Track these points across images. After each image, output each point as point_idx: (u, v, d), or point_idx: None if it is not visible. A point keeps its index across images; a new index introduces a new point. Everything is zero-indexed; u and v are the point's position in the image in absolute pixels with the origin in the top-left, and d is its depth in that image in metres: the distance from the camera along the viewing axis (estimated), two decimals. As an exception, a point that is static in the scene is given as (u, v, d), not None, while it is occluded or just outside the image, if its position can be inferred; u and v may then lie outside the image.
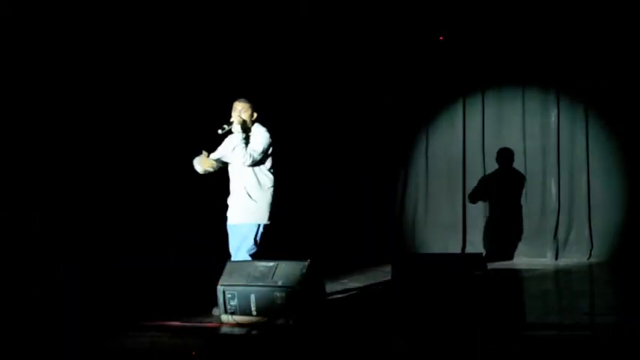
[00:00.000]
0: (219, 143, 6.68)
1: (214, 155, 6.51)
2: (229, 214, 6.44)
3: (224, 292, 5.79)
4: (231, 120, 6.38)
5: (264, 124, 6.55)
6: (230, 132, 6.44)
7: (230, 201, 6.45)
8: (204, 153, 6.41)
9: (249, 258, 6.26)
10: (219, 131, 6.33)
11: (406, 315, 5.49)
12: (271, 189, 6.41)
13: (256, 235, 6.30)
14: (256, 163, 6.35)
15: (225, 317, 5.78)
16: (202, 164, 6.41)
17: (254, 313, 5.71)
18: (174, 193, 10.69)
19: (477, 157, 10.28)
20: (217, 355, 5.23)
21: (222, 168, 6.60)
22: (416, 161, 10.61)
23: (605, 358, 4.83)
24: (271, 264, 5.86)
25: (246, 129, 6.39)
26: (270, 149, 6.43)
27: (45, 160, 9.54)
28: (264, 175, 6.40)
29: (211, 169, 6.47)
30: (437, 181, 10.50)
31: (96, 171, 10.35)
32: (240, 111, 6.40)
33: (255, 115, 6.50)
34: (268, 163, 6.43)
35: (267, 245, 8.48)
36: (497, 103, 10.29)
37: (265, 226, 6.35)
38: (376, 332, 5.50)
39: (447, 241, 10.22)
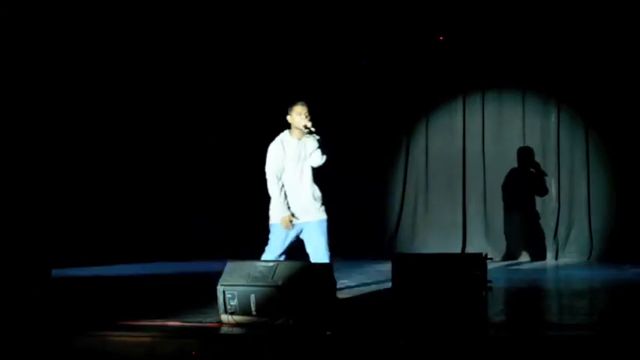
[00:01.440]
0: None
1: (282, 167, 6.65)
2: (306, 213, 6.64)
3: (224, 292, 5.79)
4: (304, 124, 6.58)
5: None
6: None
7: (301, 201, 6.64)
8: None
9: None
10: (311, 130, 6.57)
11: (406, 315, 5.48)
12: None
13: None
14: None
15: (225, 317, 5.78)
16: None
17: (254, 313, 5.71)
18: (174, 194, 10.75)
19: (476, 157, 10.29)
20: (217, 355, 5.22)
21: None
22: (416, 161, 10.61)
23: (605, 358, 4.82)
24: (271, 264, 5.85)
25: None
26: None
27: (43, 160, 9.56)
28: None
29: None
30: (437, 181, 10.50)
31: (97, 174, 10.40)
32: (306, 114, 6.62)
33: None
34: None
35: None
36: (498, 104, 10.31)
37: None
38: (376, 332, 5.50)
39: (447, 241, 10.23)
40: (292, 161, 6.66)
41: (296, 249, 6.94)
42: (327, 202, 6.80)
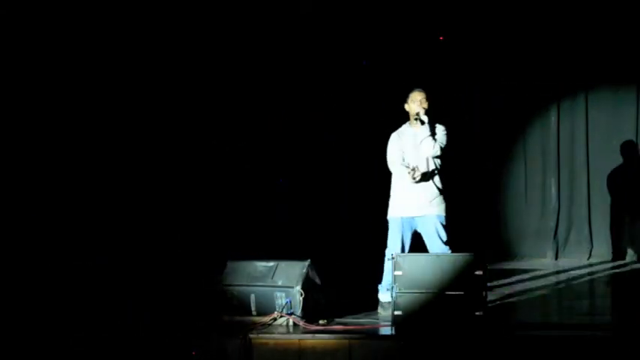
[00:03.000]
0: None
1: (400, 157, 6.41)
2: (421, 207, 6.32)
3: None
4: (417, 111, 6.33)
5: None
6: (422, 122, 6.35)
7: (413, 193, 6.32)
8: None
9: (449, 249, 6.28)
10: (420, 119, 6.28)
11: (406, 315, 5.49)
12: None
13: None
14: (437, 157, 6.39)
15: (225, 317, 5.80)
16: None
17: (254, 313, 5.72)
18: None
19: (477, 156, 10.28)
20: (218, 355, 5.23)
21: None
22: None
23: (605, 358, 4.83)
24: (271, 264, 5.87)
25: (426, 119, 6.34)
26: None
27: (49, 161, 9.58)
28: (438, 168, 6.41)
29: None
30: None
31: (95, 174, 10.40)
32: (421, 101, 6.37)
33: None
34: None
35: (267, 246, 8.38)
36: (498, 103, 10.28)
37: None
38: (376, 332, 5.52)
39: (450, 241, 10.20)
40: (410, 152, 6.39)
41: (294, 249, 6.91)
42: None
